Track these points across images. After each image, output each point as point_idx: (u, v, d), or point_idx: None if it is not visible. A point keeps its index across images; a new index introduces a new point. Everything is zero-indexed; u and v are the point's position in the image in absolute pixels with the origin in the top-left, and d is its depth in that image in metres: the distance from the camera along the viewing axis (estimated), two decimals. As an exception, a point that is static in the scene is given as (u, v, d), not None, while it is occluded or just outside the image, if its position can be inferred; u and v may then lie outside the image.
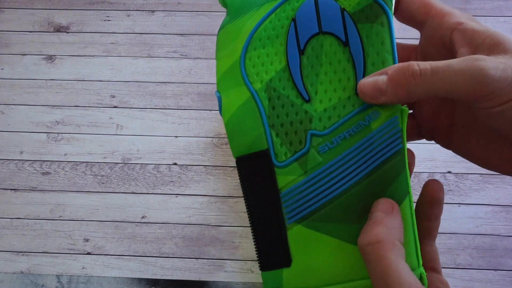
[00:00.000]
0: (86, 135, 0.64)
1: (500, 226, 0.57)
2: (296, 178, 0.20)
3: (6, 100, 0.67)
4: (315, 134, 0.20)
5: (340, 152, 0.20)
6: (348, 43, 0.21)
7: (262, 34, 0.22)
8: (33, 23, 0.73)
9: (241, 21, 0.23)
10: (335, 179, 0.20)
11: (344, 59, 0.21)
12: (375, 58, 0.21)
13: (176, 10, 0.73)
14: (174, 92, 0.67)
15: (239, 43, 0.22)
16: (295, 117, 0.21)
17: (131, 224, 0.58)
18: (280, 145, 0.21)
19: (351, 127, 0.20)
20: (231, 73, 0.22)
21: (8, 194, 0.60)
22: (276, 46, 0.22)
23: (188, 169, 0.61)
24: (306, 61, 0.21)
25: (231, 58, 0.22)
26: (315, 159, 0.20)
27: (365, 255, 0.17)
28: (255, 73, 0.22)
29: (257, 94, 0.21)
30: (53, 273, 0.55)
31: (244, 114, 0.21)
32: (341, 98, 0.21)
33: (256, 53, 0.22)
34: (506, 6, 0.71)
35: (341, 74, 0.21)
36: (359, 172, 0.20)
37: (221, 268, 0.55)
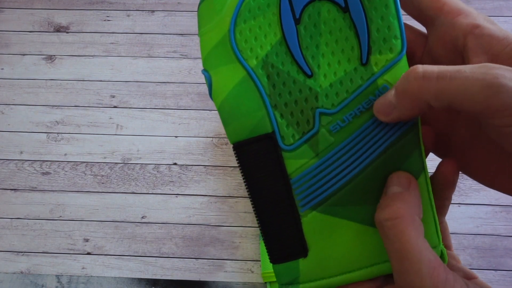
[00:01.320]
0: (86, 135, 0.64)
1: (500, 226, 0.57)
2: (307, 161, 0.18)
3: (6, 100, 0.67)
4: (324, 112, 0.19)
5: (353, 130, 0.18)
6: (348, 9, 0.19)
7: (251, 4, 0.20)
8: (33, 23, 0.73)
9: None
10: (350, 160, 0.18)
11: (345, 27, 0.19)
12: (379, 24, 0.19)
13: (176, 10, 0.73)
14: (174, 92, 0.67)
15: (226, 16, 0.20)
16: (299, 95, 0.19)
17: (131, 224, 0.58)
18: (286, 126, 0.19)
19: (361, 103, 0.18)
20: (220, 49, 0.20)
21: (8, 194, 0.60)
22: (269, 16, 0.20)
23: (188, 169, 0.61)
24: (303, 31, 0.19)
25: (218, 33, 0.20)
26: (327, 139, 0.18)
27: (383, 231, 0.16)
28: (248, 49, 0.19)
29: (254, 72, 0.19)
30: (53, 273, 0.55)
31: (241, 95, 0.19)
32: (346, 71, 0.19)
33: (246, 26, 0.20)
34: (506, 6, 0.71)
35: (344, 44, 0.19)
36: (374, 150, 0.18)
37: (221, 268, 0.55)
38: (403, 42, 0.18)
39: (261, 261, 0.52)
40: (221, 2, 0.20)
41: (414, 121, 0.18)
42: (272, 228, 0.18)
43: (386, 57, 0.18)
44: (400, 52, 0.18)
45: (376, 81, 0.19)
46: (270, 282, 0.50)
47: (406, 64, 0.19)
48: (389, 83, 0.18)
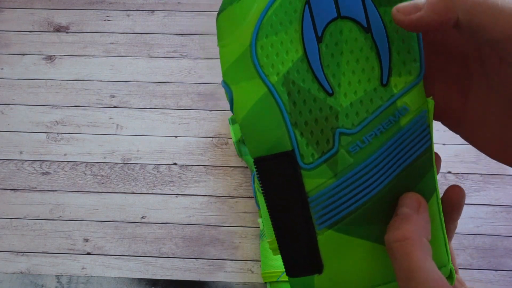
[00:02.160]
0: (86, 135, 0.63)
1: (501, 226, 0.57)
2: (325, 181, 0.18)
3: (5, 100, 0.67)
4: (343, 132, 0.19)
5: (372, 152, 0.18)
6: (370, 29, 0.19)
7: (273, 19, 0.19)
8: (32, 23, 0.73)
9: (245, 3, 0.20)
10: (368, 181, 0.18)
11: (367, 47, 0.19)
12: (400, 46, 0.19)
13: (176, 10, 0.73)
14: (174, 92, 0.66)
15: (247, 29, 0.19)
16: (319, 114, 0.19)
17: (131, 224, 0.58)
18: (306, 145, 0.19)
19: (381, 123, 0.19)
20: (241, 63, 0.19)
21: (7, 194, 0.60)
22: (291, 32, 0.19)
23: (188, 169, 0.61)
24: (325, 49, 0.19)
25: (239, 46, 0.19)
26: (346, 160, 0.18)
27: (391, 252, 0.17)
28: (269, 64, 0.19)
29: (275, 89, 0.19)
30: (53, 273, 0.55)
31: (262, 112, 0.19)
32: (367, 91, 0.19)
33: (268, 41, 0.19)
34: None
35: (364, 63, 0.19)
36: (391, 172, 0.18)
37: (221, 268, 0.55)
38: (421, 65, 0.19)
39: (261, 261, 0.52)
40: (242, 14, 0.20)
41: (429, 143, 0.19)
42: (289, 243, 0.19)
43: (405, 79, 0.19)
44: (418, 75, 0.19)
45: (396, 102, 0.19)
46: (270, 282, 0.50)
47: (422, 87, 0.19)
48: (408, 105, 0.19)
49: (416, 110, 0.19)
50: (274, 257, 0.50)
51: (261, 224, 0.54)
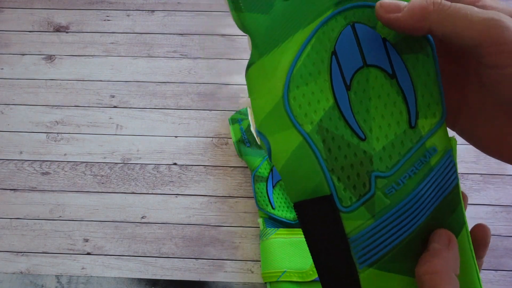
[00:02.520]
0: (85, 135, 0.63)
1: (501, 226, 0.57)
2: (364, 222, 0.19)
3: (5, 100, 0.67)
4: (379, 175, 0.19)
5: (408, 192, 0.19)
6: (395, 75, 0.20)
7: (302, 70, 0.20)
8: (32, 23, 0.73)
9: (274, 56, 0.21)
10: (405, 221, 0.19)
11: (393, 92, 0.20)
12: (423, 90, 0.20)
13: (176, 10, 0.73)
14: (174, 92, 0.66)
15: (278, 81, 0.20)
16: (354, 159, 0.20)
17: (131, 224, 0.58)
18: (344, 189, 0.19)
19: (413, 165, 0.19)
20: (275, 114, 0.20)
21: (7, 194, 0.60)
22: (320, 82, 0.20)
23: (188, 169, 0.61)
24: (354, 96, 0.20)
25: (272, 98, 0.20)
26: (383, 201, 0.19)
27: (421, 284, 0.18)
28: (303, 114, 0.20)
29: (310, 137, 0.20)
30: (53, 273, 0.55)
31: (299, 160, 0.20)
32: (397, 134, 0.20)
33: (300, 92, 0.20)
34: (506, 6, 0.71)
35: (392, 108, 0.20)
36: (426, 211, 0.19)
37: (221, 268, 0.55)
38: (443, 108, 0.20)
39: (261, 261, 0.52)
40: (272, 67, 0.20)
41: (457, 180, 0.20)
42: (332, 283, 0.19)
43: (431, 121, 0.20)
44: (442, 116, 0.20)
45: (425, 144, 0.20)
46: (270, 282, 0.50)
47: (445, 127, 0.20)
48: (436, 145, 0.20)
49: (443, 150, 0.20)
50: (274, 257, 0.50)
51: (261, 224, 0.54)
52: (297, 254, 0.50)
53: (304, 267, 0.49)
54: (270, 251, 0.51)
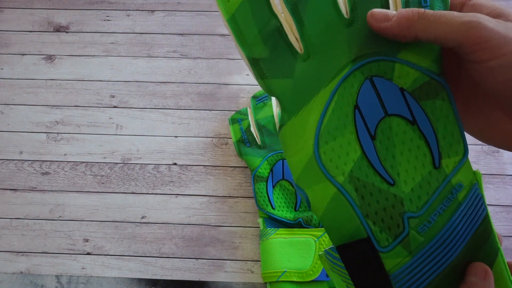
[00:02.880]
0: (85, 135, 0.63)
1: (500, 226, 0.57)
2: (402, 260, 0.20)
3: (5, 100, 0.67)
4: (411, 216, 0.21)
5: (440, 228, 0.20)
6: (416, 121, 0.22)
7: (329, 126, 0.22)
8: (32, 23, 0.73)
9: (302, 117, 0.22)
10: (440, 255, 0.20)
11: (416, 137, 0.21)
12: (444, 131, 0.21)
13: (176, 10, 0.73)
14: (174, 92, 0.66)
15: (308, 139, 0.22)
16: (386, 203, 0.21)
17: (131, 224, 0.58)
18: (380, 232, 0.21)
19: (442, 202, 0.21)
20: (309, 169, 0.22)
21: (7, 194, 0.60)
22: (347, 135, 0.22)
23: (188, 169, 0.61)
24: (379, 145, 0.22)
25: (304, 155, 0.22)
26: (417, 239, 0.20)
27: None
28: (334, 167, 0.21)
29: (343, 188, 0.21)
30: (53, 273, 0.55)
31: (336, 209, 0.21)
32: (423, 175, 0.21)
33: (329, 147, 0.22)
34: (506, 6, 0.71)
35: (417, 151, 0.21)
36: (460, 244, 0.20)
37: (221, 268, 0.55)
38: (465, 145, 0.21)
39: (261, 261, 0.52)
40: (301, 127, 0.22)
41: (486, 211, 0.21)
42: None
43: (454, 159, 0.21)
44: (464, 154, 0.22)
45: (451, 181, 0.21)
46: (270, 282, 0.50)
47: (469, 162, 0.22)
48: (462, 181, 0.21)
49: (469, 184, 0.21)
50: (274, 257, 0.50)
51: (261, 224, 0.54)
52: (297, 254, 0.50)
53: (304, 267, 0.49)
54: (270, 251, 0.51)
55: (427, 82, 0.22)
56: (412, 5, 0.22)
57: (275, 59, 0.22)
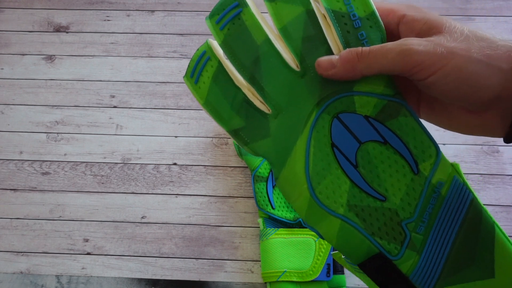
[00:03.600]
0: (86, 135, 0.63)
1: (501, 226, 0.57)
2: (414, 260, 0.23)
3: (5, 100, 0.67)
4: (408, 222, 0.24)
5: (433, 223, 0.23)
6: (387, 141, 0.24)
7: (316, 168, 0.25)
8: (32, 23, 0.73)
9: (290, 167, 0.25)
10: (441, 241, 0.23)
11: (391, 154, 0.24)
12: (414, 142, 0.24)
13: (176, 10, 0.73)
14: (174, 92, 0.66)
15: (302, 185, 0.25)
16: (384, 218, 0.24)
17: (131, 224, 0.58)
18: (388, 244, 0.24)
19: (429, 202, 0.24)
20: (312, 210, 0.25)
21: (7, 194, 0.60)
22: (334, 172, 0.24)
23: (188, 169, 0.61)
24: (363, 170, 0.24)
25: (304, 199, 0.25)
26: (418, 239, 0.23)
27: None
28: (332, 202, 0.24)
29: (346, 217, 0.24)
30: (53, 273, 0.55)
31: (346, 236, 0.24)
32: (407, 184, 0.24)
33: (322, 186, 0.24)
34: (506, 6, 0.71)
35: (396, 166, 0.24)
36: (454, 227, 0.23)
37: (221, 268, 0.55)
38: (436, 146, 0.24)
39: (261, 261, 0.52)
40: (292, 175, 0.25)
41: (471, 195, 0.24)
42: None
43: (429, 162, 0.24)
44: (437, 154, 0.24)
45: (431, 182, 0.24)
46: (270, 282, 0.50)
47: (445, 159, 0.24)
48: (441, 179, 0.24)
49: (449, 179, 0.24)
50: (274, 257, 0.50)
51: (261, 224, 0.54)
52: (297, 254, 0.50)
53: (304, 267, 0.49)
54: (270, 251, 0.51)
55: (386, 105, 0.25)
56: (351, 42, 0.24)
57: (251, 125, 0.26)
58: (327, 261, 0.49)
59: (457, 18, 0.71)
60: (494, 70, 0.22)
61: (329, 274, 0.48)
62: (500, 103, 0.23)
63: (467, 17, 0.71)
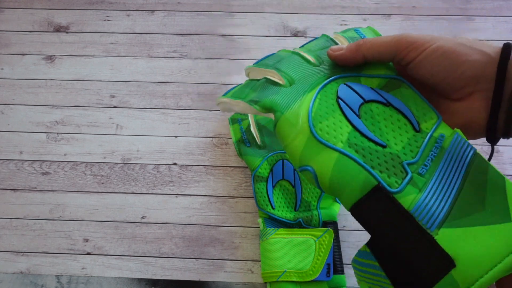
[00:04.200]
0: (86, 135, 0.63)
1: (500, 226, 0.57)
2: (416, 196, 0.22)
3: (5, 100, 0.67)
4: (409, 163, 0.24)
5: (437, 167, 0.23)
6: (390, 103, 0.26)
7: (319, 112, 0.26)
8: (32, 23, 0.73)
9: (293, 110, 0.27)
10: (446, 185, 0.23)
11: (394, 113, 0.26)
12: (416, 106, 0.26)
13: (176, 10, 0.73)
14: (174, 92, 0.66)
15: (303, 124, 0.26)
16: (385, 158, 0.24)
17: (131, 224, 0.58)
18: (388, 177, 0.23)
19: (431, 150, 0.24)
20: (310, 146, 0.25)
21: (7, 194, 0.60)
22: (336, 116, 0.26)
23: (188, 169, 0.61)
24: (365, 121, 0.25)
25: (303, 137, 0.25)
26: (421, 179, 0.23)
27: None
28: (332, 137, 0.25)
29: (344, 150, 0.24)
30: (53, 273, 0.55)
31: (342, 167, 0.24)
32: (409, 137, 0.25)
33: (323, 125, 0.25)
34: (506, 6, 0.71)
35: (398, 123, 0.25)
36: (459, 172, 0.23)
37: (221, 268, 0.55)
38: (437, 113, 0.26)
39: (261, 261, 0.52)
40: (295, 117, 0.26)
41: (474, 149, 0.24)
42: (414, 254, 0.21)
43: (431, 122, 0.26)
44: (438, 117, 0.26)
45: (433, 135, 0.25)
46: (270, 282, 0.50)
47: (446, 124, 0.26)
48: (443, 133, 0.25)
49: (450, 134, 0.25)
50: (274, 257, 0.50)
51: (261, 224, 0.54)
52: (297, 254, 0.50)
53: (304, 267, 0.49)
54: (270, 251, 0.51)
55: (389, 81, 0.27)
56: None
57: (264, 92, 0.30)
58: (327, 261, 0.49)
59: (457, 18, 0.71)
60: (476, 50, 0.25)
61: (329, 274, 0.49)
62: (482, 82, 0.25)
63: (467, 17, 0.71)
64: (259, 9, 0.73)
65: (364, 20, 0.71)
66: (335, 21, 0.72)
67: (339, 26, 0.71)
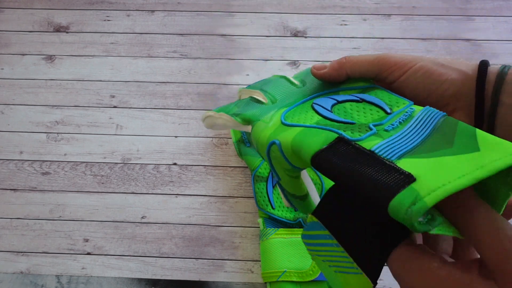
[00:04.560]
0: (86, 135, 0.63)
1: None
2: (377, 141, 0.22)
3: (5, 100, 0.67)
4: (376, 124, 0.24)
5: (403, 127, 0.23)
6: (363, 100, 0.27)
7: (293, 113, 0.28)
8: (32, 23, 0.73)
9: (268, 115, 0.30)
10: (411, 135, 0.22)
11: (367, 105, 0.27)
12: (390, 98, 0.27)
13: (176, 10, 0.73)
14: (174, 92, 0.66)
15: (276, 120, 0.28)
16: (353, 126, 0.25)
17: (131, 224, 0.58)
18: (351, 132, 0.24)
19: (400, 117, 0.24)
20: (278, 129, 0.27)
21: (7, 194, 0.60)
22: (308, 112, 0.28)
23: (188, 169, 0.61)
24: (337, 114, 0.27)
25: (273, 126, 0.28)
26: (386, 134, 0.23)
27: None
28: (297, 119, 0.27)
29: (309, 125, 0.26)
30: (53, 273, 0.55)
31: (306, 131, 0.25)
32: (380, 116, 0.26)
33: (294, 117, 0.28)
34: (506, 6, 0.71)
35: (370, 112, 0.26)
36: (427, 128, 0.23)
37: (221, 268, 0.55)
38: (409, 100, 0.27)
39: (261, 261, 0.52)
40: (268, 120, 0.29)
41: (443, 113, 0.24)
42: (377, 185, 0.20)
43: (402, 104, 0.26)
44: (410, 102, 0.26)
45: (403, 110, 0.25)
46: (270, 282, 0.50)
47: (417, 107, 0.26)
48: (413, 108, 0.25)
49: (420, 109, 0.25)
50: (274, 257, 0.50)
51: (261, 224, 0.54)
52: (297, 254, 0.50)
53: (304, 267, 0.49)
54: (270, 251, 0.51)
55: (365, 89, 0.29)
56: None
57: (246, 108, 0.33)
58: (327, 261, 0.49)
59: (457, 18, 0.71)
60: (454, 70, 0.26)
61: (329, 274, 0.48)
62: (462, 99, 0.26)
63: (467, 17, 0.71)
64: (259, 9, 0.73)
65: (364, 20, 0.71)
66: (335, 21, 0.72)
67: (339, 26, 0.71)
